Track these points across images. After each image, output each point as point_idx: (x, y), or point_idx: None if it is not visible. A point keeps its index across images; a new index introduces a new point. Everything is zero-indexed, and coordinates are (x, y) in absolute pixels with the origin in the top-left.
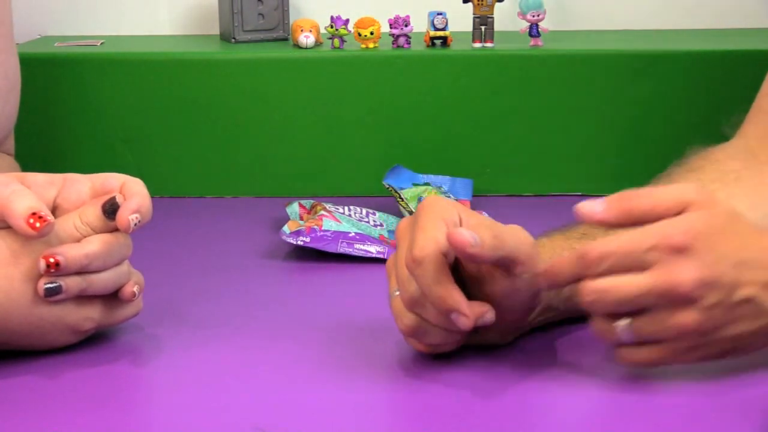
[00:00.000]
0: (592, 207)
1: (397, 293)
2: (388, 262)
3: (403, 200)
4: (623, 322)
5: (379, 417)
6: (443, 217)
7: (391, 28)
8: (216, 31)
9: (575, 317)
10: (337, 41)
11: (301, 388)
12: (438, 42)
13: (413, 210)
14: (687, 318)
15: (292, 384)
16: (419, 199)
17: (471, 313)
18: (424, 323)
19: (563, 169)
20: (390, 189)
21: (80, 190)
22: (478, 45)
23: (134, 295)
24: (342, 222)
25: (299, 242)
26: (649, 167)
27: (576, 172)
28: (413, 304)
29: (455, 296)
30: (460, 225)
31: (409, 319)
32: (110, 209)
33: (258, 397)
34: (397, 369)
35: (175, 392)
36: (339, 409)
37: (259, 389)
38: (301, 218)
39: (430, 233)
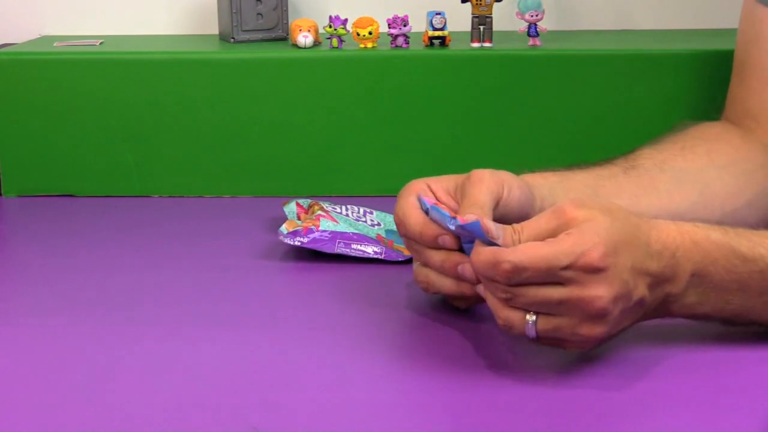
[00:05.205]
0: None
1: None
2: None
3: None
4: (530, 318)
5: (377, 416)
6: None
7: (389, 27)
8: (215, 30)
9: None
10: (335, 41)
11: (299, 388)
12: (436, 42)
13: None
14: (596, 330)
15: (289, 384)
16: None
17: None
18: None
19: None
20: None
21: None
22: (476, 45)
23: None
24: (339, 222)
25: (296, 243)
26: None
27: None
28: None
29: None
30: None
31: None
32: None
33: (255, 397)
34: (395, 368)
35: (172, 391)
36: (336, 408)
37: (256, 389)
38: (299, 218)
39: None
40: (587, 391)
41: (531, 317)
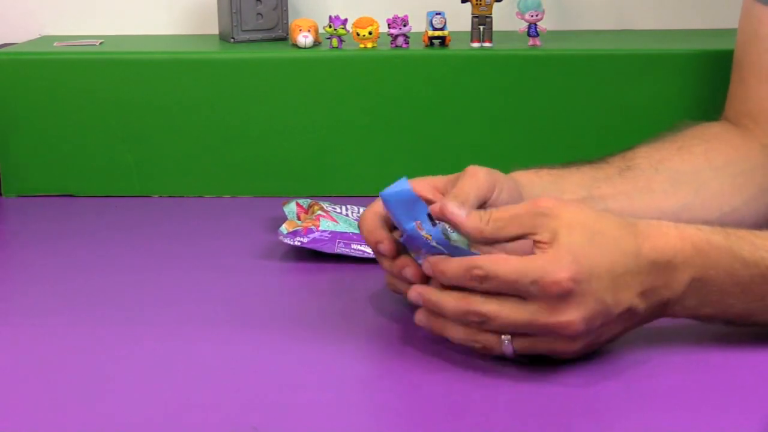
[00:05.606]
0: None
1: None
2: None
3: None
4: (506, 338)
5: (376, 416)
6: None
7: (389, 27)
8: (215, 30)
9: None
10: (335, 41)
11: (298, 388)
12: (436, 42)
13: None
14: (574, 346)
15: (288, 384)
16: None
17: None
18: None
19: None
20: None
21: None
22: (476, 45)
23: None
24: (339, 222)
25: (296, 243)
26: None
27: None
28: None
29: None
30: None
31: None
32: None
33: (255, 397)
34: (394, 368)
35: (172, 391)
36: (337, 408)
37: (255, 389)
38: (299, 218)
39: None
40: (586, 392)
41: (506, 336)
